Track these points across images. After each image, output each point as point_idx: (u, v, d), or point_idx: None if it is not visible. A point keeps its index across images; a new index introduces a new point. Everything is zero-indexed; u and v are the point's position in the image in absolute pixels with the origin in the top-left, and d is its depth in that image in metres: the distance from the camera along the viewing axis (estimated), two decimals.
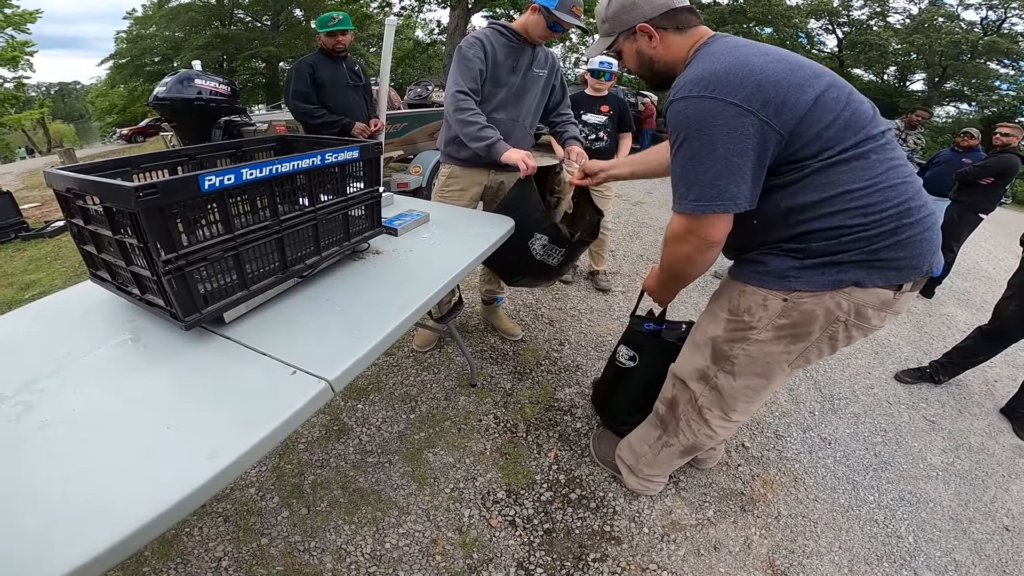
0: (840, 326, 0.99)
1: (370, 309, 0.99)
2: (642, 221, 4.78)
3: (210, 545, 1.32)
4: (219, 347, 0.85)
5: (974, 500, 1.74)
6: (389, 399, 1.91)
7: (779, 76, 0.85)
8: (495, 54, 1.70)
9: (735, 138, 0.85)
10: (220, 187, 0.73)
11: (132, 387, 0.77)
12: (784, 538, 1.49)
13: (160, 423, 0.70)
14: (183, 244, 0.74)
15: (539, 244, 1.64)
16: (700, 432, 1.30)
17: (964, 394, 2.39)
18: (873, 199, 0.89)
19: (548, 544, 1.40)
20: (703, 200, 0.89)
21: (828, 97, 0.87)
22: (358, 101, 2.93)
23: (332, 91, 2.75)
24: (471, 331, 2.45)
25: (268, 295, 0.93)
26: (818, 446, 1.90)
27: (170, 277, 0.72)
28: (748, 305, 1.06)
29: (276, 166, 0.81)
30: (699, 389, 1.24)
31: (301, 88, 2.65)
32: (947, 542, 1.56)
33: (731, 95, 0.84)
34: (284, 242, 0.90)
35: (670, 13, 1.01)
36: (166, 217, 0.70)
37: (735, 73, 0.86)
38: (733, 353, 1.13)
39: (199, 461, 0.63)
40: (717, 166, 0.87)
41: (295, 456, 1.63)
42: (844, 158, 0.88)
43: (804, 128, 0.86)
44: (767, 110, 0.84)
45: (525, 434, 1.80)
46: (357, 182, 1.08)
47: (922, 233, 0.92)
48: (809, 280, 0.96)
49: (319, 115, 2.67)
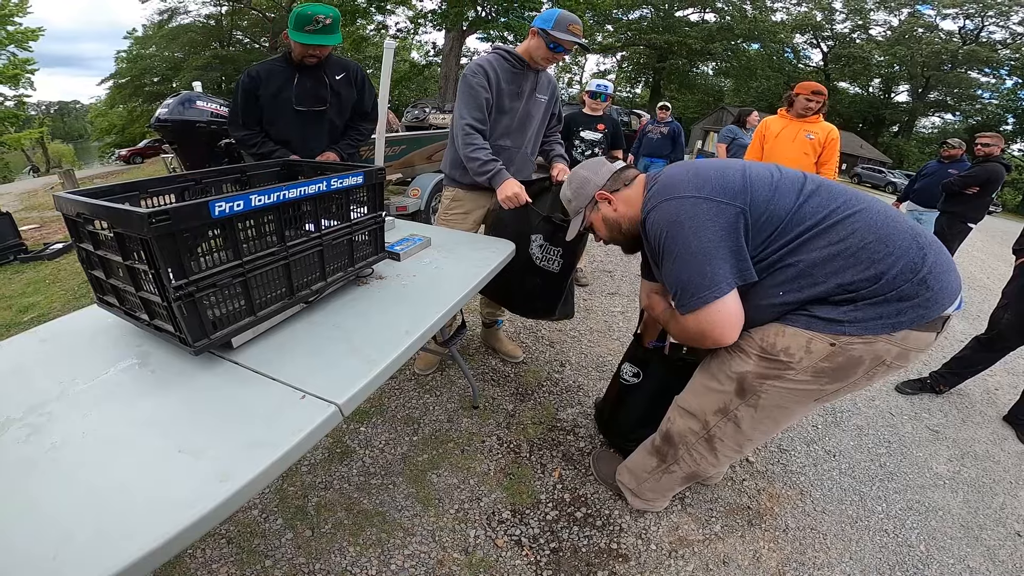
0: (881, 368, 0.96)
1: (376, 334, 1.00)
2: None
3: (213, 567, 1.30)
4: (228, 372, 0.85)
5: (983, 507, 1.74)
6: (392, 421, 1.91)
7: (713, 170, 0.98)
8: (499, 81, 1.72)
9: (702, 225, 0.92)
10: (230, 213, 0.74)
11: (141, 411, 0.77)
12: (794, 551, 1.48)
13: (171, 446, 0.70)
14: (193, 270, 0.75)
15: (536, 247, 1.69)
16: (703, 461, 1.28)
17: (966, 403, 2.40)
18: (876, 235, 0.91)
19: (555, 563, 1.38)
20: (700, 293, 0.94)
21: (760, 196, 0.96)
22: (307, 130, 2.05)
23: (275, 112, 1.98)
24: (472, 353, 2.46)
25: (275, 320, 0.94)
26: (823, 459, 1.90)
27: (180, 303, 0.73)
28: (787, 345, 0.99)
29: (283, 192, 0.82)
30: (715, 421, 1.19)
31: (235, 109, 2.00)
32: (959, 549, 1.55)
33: (682, 191, 0.96)
34: (291, 268, 0.91)
35: (615, 176, 1.18)
36: (177, 243, 0.71)
37: (678, 177, 0.99)
38: (762, 389, 1.07)
39: (211, 484, 0.64)
40: (698, 256, 0.92)
41: (299, 478, 1.61)
42: (813, 234, 0.93)
43: (759, 206, 0.94)
44: (716, 192, 0.93)
45: (528, 454, 1.79)
46: (361, 207, 1.10)
47: (939, 254, 0.92)
48: (864, 327, 0.91)
49: (250, 143, 2.00)
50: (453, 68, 14.93)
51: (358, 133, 2.22)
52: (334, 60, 2.06)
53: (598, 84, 3.08)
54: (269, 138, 2.02)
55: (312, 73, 2.00)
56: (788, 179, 0.99)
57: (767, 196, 0.94)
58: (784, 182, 0.98)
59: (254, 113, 1.99)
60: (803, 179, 1.00)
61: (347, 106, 2.14)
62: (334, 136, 2.16)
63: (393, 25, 18.28)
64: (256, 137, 2.00)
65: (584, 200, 1.21)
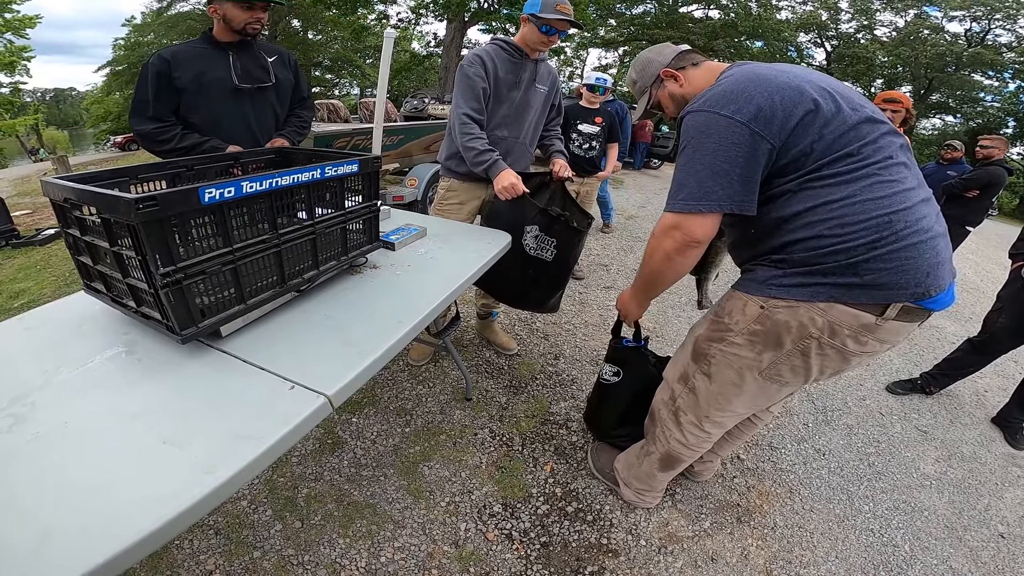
0: (813, 343, 0.98)
1: (368, 324, 0.99)
2: (635, 235, 4.82)
3: (201, 558, 1.29)
4: (215, 361, 0.84)
5: (968, 508, 1.76)
6: (384, 412, 1.90)
7: (774, 91, 0.91)
8: (496, 70, 1.72)
9: (725, 146, 0.92)
10: (220, 200, 0.73)
11: (126, 401, 0.76)
12: (781, 548, 1.50)
13: (156, 437, 0.69)
14: (181, 257, 0.73)
15: (531, 237, 1.68)
16: (672, 438, 1.32)
17: (955, 404, 2.42)
18: (850, 210, 0.90)
19: (545, 558, 1.38)
20: (691, 199, 0.97)
21: (822, 112, 0.90)
22: (252, 111, 1.80)
23: (202, 97, 1.67)
24: (466, 345, 2.45)
25: (265, 309, 0.93)
26: (812, 457, 1.91)
27: (167, 290, 0.72)
28: (730, 308, 1.10)
29: (276, 179, 0.81)
30: (678, 390, 1.27)
31: (142, 97, 1.63)
32: (943, 550, 1.57)
33: (725, 108, 0.93)
34: (282, 256, 0.90)
35: (680, 55, 1.18)
36: (165, 230, 0.69)
37: (734, 90, 0.94)
38: (711, 352, 1.15)
39: (197, 476, 0.62)
40: (706, 170, 0.95)
41: (288, 469, 1.61)
42: (830, 172, 0.91)
43: (795, 140, 0.91)
44: (758, 122, 0.91)
45: (521, 448, 1.79)
46: (355, 196, 1.08)
47: (908, 250, 0.89)
48: (787, 290, 0.97)
49: (162, 137, 1.64)
50: (454, 59, 14.78)
51: (301, 121, 1.99)
52: (263, 44, 1.85)
53: (597, 77, 3.05)
54: (190, 129, 1.69)
55: (247, 52, 1.75)
56: (877, 141, 0.92)
57: (807, 146, 0.91)
58: (854, 134, 0.92)
59: (169, 101, 1.65)
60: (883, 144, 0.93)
61: (286, 91, 1.91)
62: (277, 125, 1.93)
63: (394, 15, 18.07)
64: (171, 130, 1.65)
65: (649, 78, 1.21)
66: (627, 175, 8.63)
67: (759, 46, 21.37)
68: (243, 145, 1.71)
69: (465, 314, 2.72)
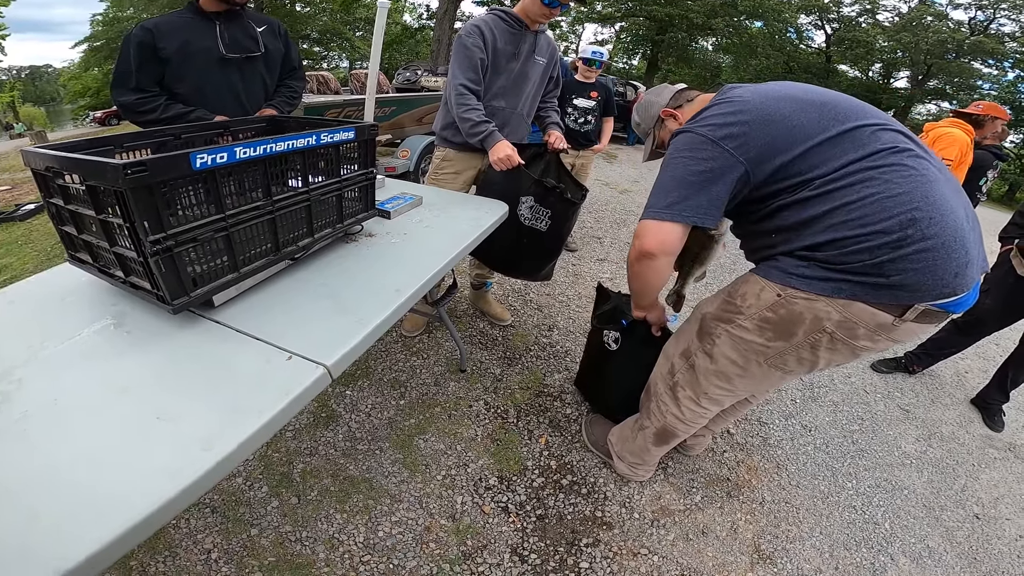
0: (824, 337, 0.98)
1: (366, 292, 0.97)
2: (628, 209, 4.82)
3: (198, 537, 1.28)
4: (209, 331, 0.82)
5: (946, 488, 1.81)
6: (378, 385, 1.89)
7: (756, 113, 0.94)
8: (495, 40, 1.68)
9: (694, 162, 0.97)
10: (212, 165, 0.70)
11: (117, 375, 0.73)
12: (768, 523, 1.54)
13: (149, 413, 0.67)
14: (171, 224, 0.70)
15: (526, 208, 1.68)
16: (668, 412, 1.33)
17: (936, 384, 2.48)
18: (870, 210, 0.88)
19: (541, 530, 1.41)
20: (652, 209, 1.02)
21: (807, 128, 0.92)
22: (241, 82, 1.77)
23: (188, 67, 1.64)
24: (460, 316, 2.44)
25: (259, 277, 0.91)
26: (800, 433, 1.95)
27: (158, 258, 0.69)
28: (745, 291, 1.08)
29: (270, 145, 0.78)
30: (679, 364, 1.27)
31: (124, 68, 1.59)
32: (921, 529, 1.61)
33: (700, 127, 0.98)
34: (277, 223, 0.87)
35: (677, 95, 1.23)
36: (155, 196, 0.66)
37: (715, 111, 0.99)
38: (716, 332, 1.15)
39: (193, 453, 0.60)
40: (672, 183, 1.00)
41: (283, 444, 1.60)
42: (840, 175, 0.90)
43: (778, 155, 0.93)
44: (730, 140, 0.94)
45: (516, 420, 1.80)
46: (351, 164, 1.05)
47: (936, 249, 0.86)
48: (809, 282, 0.95)
49: (145, 108, 1.61)
50: (447, 32, 14.33)
51: (291, 91, 1.96)
52: (252, 13, 1.83)
53: (594, 51, 3.04)
54: (174, 100, 1.66)
55: (234, 21, 1.73)
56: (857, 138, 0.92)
57: (800, 151, 0.93)
58: (842, 142, 0.92)
59: (153, 72, 1.62)
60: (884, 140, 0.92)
61: (276, 61, 1.87)
62: (267, 95, 1.90)
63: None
64: (154, 100, 1.63)
65: (651, 120, 1.27)
66: (621, 150, 8.56)
67: (758, 26, 21.02)
68: (231, 116, 1.65)
69: (459, 284, 2.71)
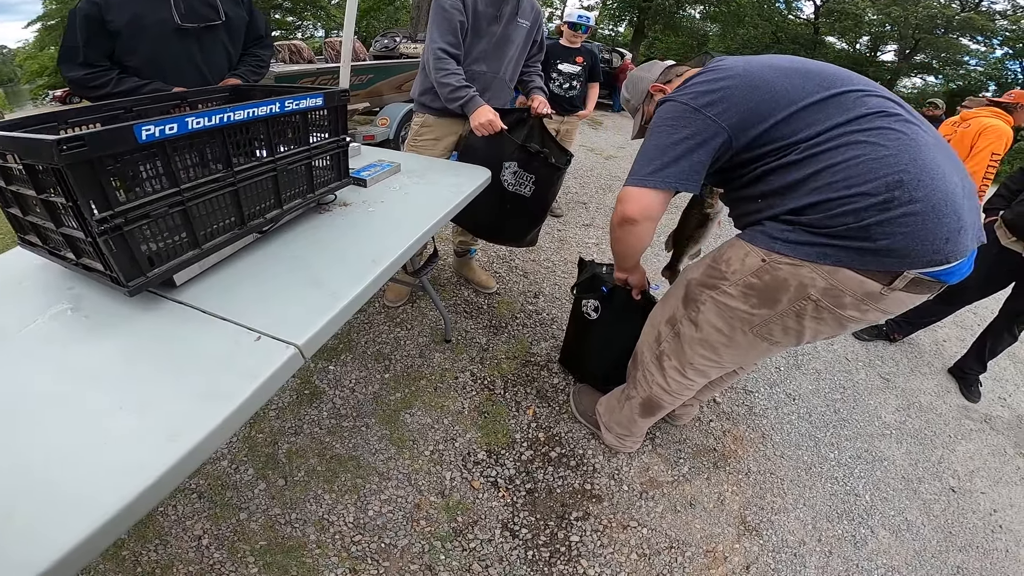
0: (809, 305, 0.96)
1: (340, 264, 0.92)
2: (614, 174, 4.78)
3: (188, 524, 1.26)
4: (171, 313, 0.77)
5: (923, 460, 1.84)
6: (362, 358, 1.85)
7: (739, 79, 0.94)
8: (476, 3, 1.60)
9: (676, 129, 0.97)
10: (161, 137, 0.63)
11: (76, 363, 0.68)
12: (754, 495, 1.56)
13: (112, 403, 0.62)
14: (120, 201, 0.64)
15: (509, 173, 1.65)
16: (654, 382, 1.32)
17: (916, 352, 2.54)
18: (855, 172, 0.86)
19: (531, 504, 1.41)
20: (634, 176, 1.03)
21: (789, 95, 0.92)
22: (200, 52, 1.66)
23: (141, 39, 1.54)
24: (444, 284, 2.39)
25: (224, 253, 0.85)
26: (784, 402, 1.98)
27: (107, 237, 0.63)
28: (729, 256, 1.06)
29: (228, 114, 0.70)
30: (665, 332, 1.26)
31: (71, 43, 1.51)
32: (900, 501, 1.64)
33: (683, 96, 0.99)
34: (240, 195, 0.81)
35: (667, 70, 1.23)
36: (98, 172, 0.60)
37: (699, 79, 0.99)
38: (701, 299, 1.13)
39: (160, 443, 0.57)
40: (655, 151, 1.00)
41: (266, 424, 1.56)
42: (825, 139, 0.89)
43: (761, 121, 0.93)
44: (714, 108, 0.94)
45: (503, 391, 1.79)
46: (322, 132, 0.98)
47: (925, 213, 0.83)
48: (794, 247, 0.93)
49: (96, 83, 1.52)
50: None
51: (258, 60, 1.86)
52: None
53: (579, 15, 2.94)
54: (127, 73, 1.56)
55: None
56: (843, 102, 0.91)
57: (783, 116, 0.92)
58: (827, 107, 0.91)
59: (102, 46, 1.52)
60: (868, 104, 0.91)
61: (239, 30, 1.76)
62: (231, 66, 1.80)
63: None
64: (106, 74, 1.53)
65: (641, 96, 1.26)
66: (607, 116, 8.43)
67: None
68: (191, 88, 1.50)
69: (442, 252, 2.65)
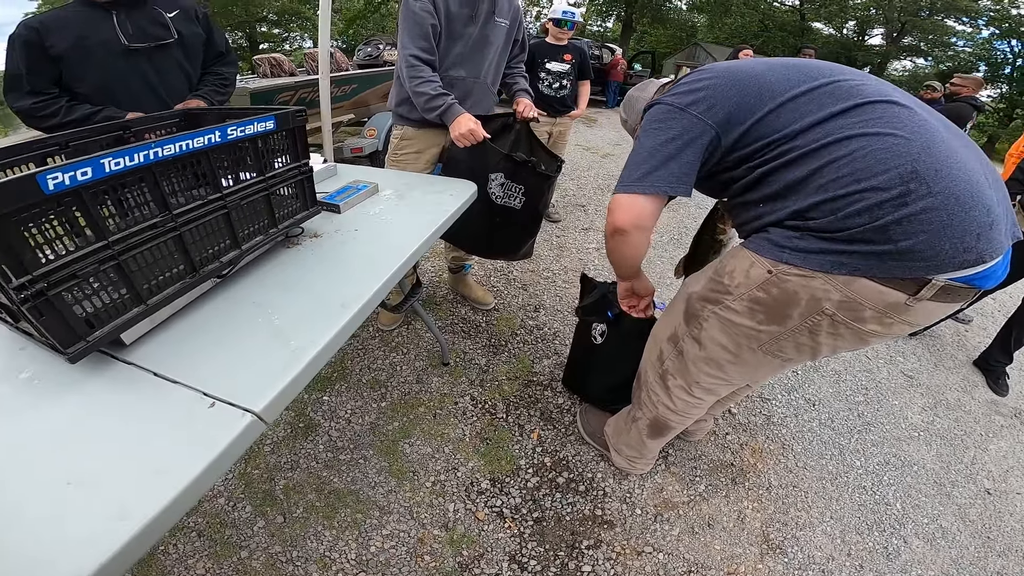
0: (824, 320, 0.86)
1: (306, 309, 0.83)
2: (611, 173, 4.68)
3: (189, 563, 1.23)
4: (121, 375, 0.69)
5: (955, 462, 1.74)
6: (357, 387, 1.79)
7: (722, 76, 0.92)
8: (447, 4, 1.51)
9: (663, 131, 0.94)
10: (72, 185, 0.55)
11: (23, 432, 0.62)
12: (777, 510, 1.47)
13: (58, 477, 0.56)
14: (39, 262, 0.56)
15: (496, 185, 1.56)
16: (659, 403, 1.24)
17: (937, 345, 2.43)
18: (861, 164, 0.76)
19: (539, 534, 1.34)
20: (623, 183, 0.98)
21: (777, 88, 0.88)
22: (154, 73, 1.58)
23: (87, 64, 1.47)
24: (439, 303, 2.30)
25: (178, 305, 0.76)
26: (803, 408, 1.89)
27: (29, 304, 0.55)
28: (733, 267, 0.97)
29: (154, 150, 0.62)
30: (667, 351, 1.19)
31: (13, 71, 1.43)
32: (933, 508, 1.55)
33: (668, 97, 0.96)
34: (185, 240, 0.72)
35: (661, 88, 1.18)
36: (5, 232, 0.52)
37: (683, 81, 0.98)
38: (703, 315, 1.05)
39: (108, 523, 0.51)
40: (643, 155, 0.95)
41: (262, 459, 1.51)
42: (822, 131, 0.82)
43: (748, 115, 0.88)
44: (699, 107, 0.91)
45: (505, 415, 1.71)
46: (282, 156, 0.90)
47: (948, 206, 0.73)
48: (803, 256, 0.82)
49: (45, 112, 1.46)
50: None
51: (221, 79, 1.78)
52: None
53: (564, 11, 2.82)
54: (78, 100, 1.50)
55: (136, 9, 1.52)
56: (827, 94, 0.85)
57: (772, 107, 0.87)
58: (819, 96, 0.85)
59: (46, 73, 1.45)
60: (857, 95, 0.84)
61: (196, 48, 1.68)
62: (191, 86, 1.71)
63: None
64: (55, 103, 1.46)
65: (637, 115, 1.22)
66: (600, 113, 8.34)
67: None
68: (149, 111, 1.45)
69: (436, 268, 2.57)
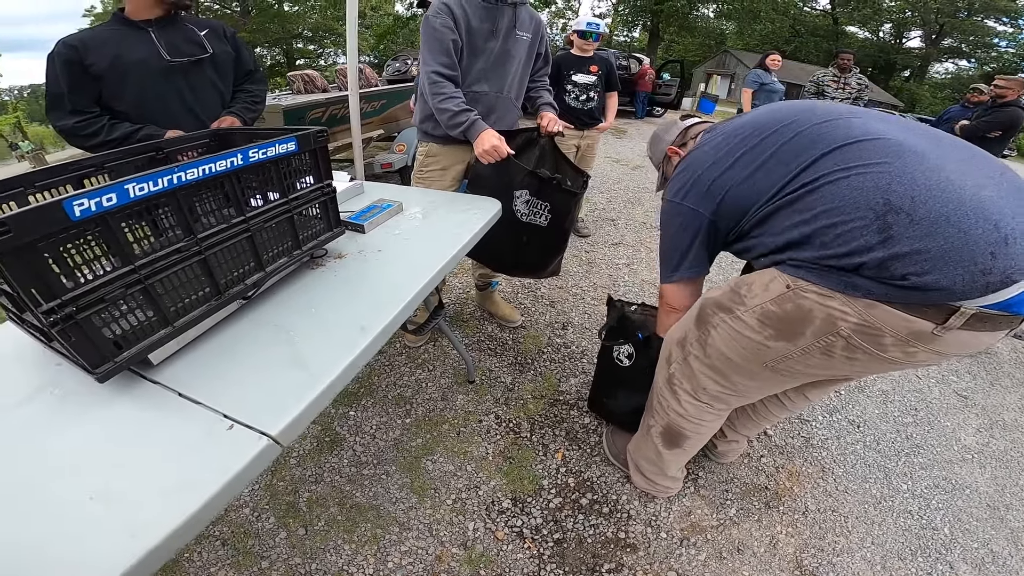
0: (839, 342, 0.81)
1: (326, 334, 0.84)
2: (642, 186, 4.59)
3: (212, 570, 1.26)
4: (148, 395, 0.71)
5: (1011, 484, 1.62)
6: (382, 403, 1.80)
7: (703, 165, 1.02)
8: (468, 19, 1.51)
9: (673, 227, 1.10)
10: (99, 211, 0.57)
11: (53, 448, 0.64)
12: (812, 535, 1.39)
13: (83, 493, 0.58)
14: (66, 288, 0.58)
15: (521, 202, 1.54)
16: (670, 408, 1.22)
17: (994, 364, 2.25)
18: (836, 205, 0.78)
19: (559, 556, 1.30)
20: (666, 271, 1.16)
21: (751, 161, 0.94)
22: (190, 90, 1.61)
23: (126, 82, 1.49)
24: (466, 320, 2.30)
25: (204, 326, 0.78)
26: (846, 430, 1.77)
27: (60, 327, 0.57)
28: (753, 281, 0.96)
29: (178, 174, 0.64)
30: (675, 354, 1.19)
31: (55, 90, 1.45)
32: (984, 532, 1.44)
33: (670, 194, 1.09)
34: (210, 263, 0.74)
35: (683, 132, 1.27)
36: (34, 258, 0.54)
37: (678, 175, 1.09)
38: (714, 321, 1.04)
39: (123, 540, 0.52)
40: (667, 251, 1.14)
41: (287, 472, 1.53)
42: (791, 188, 0.86)
43: (735, 196, 0.96)
44: (691, 198, 1.03)
45: (529, 434, 1.68)
46: (304, 176, 0.91)
47: (940, 231, 0.67)
48: (823, 275, 0.79)
49: (88, 131, 1.47)
50: None
51: (252, 96, 1.79)
52: (191, 18, 1.66)
53: (588, 22, 2.77)
54: (119, 118, 1.51)
55: (172, 27, 1.55)
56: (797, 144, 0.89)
57: (753, 183, 0.94)
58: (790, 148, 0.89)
59: (88, 91, 1.46)
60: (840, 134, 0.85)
61: (227, 66, 1.70)
62: (223, 103, 1.72)
63: None
64: (97, 121, 1.48)
65: (660, 155, 1.32)
66: (630, 124, 8.26)
67: None
68: (185, 129, 1.51)
69: (464, 285, 2.57)
